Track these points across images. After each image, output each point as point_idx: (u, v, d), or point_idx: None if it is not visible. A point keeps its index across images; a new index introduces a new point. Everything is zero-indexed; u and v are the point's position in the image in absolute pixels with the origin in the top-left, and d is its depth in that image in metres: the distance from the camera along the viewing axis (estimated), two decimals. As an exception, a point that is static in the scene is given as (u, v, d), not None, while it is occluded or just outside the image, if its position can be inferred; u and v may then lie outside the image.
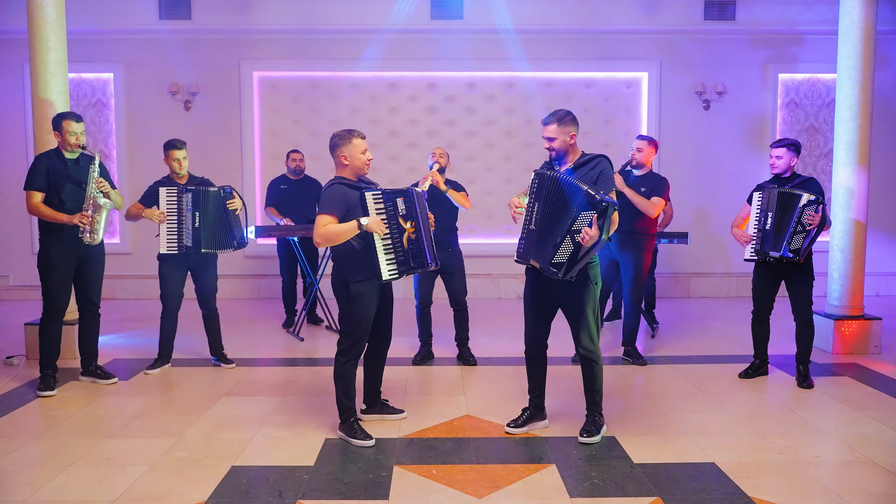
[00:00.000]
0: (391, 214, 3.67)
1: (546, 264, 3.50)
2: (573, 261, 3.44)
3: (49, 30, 5.38)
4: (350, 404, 3.76)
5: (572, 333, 3.73)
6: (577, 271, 3.47)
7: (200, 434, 3.85)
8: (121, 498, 3.05)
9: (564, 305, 3.71)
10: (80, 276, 4.70)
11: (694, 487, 3.15)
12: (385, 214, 3.66)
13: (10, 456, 3.57)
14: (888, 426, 3.96)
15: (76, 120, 4.58)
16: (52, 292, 4.60)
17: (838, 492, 3.10)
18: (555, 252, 3.46)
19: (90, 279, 4.75)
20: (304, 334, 6.35)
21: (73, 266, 4.64)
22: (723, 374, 5.03)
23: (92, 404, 4.41)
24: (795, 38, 8.50)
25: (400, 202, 3.70)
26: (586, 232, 3.32)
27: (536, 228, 3.59)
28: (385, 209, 3.66)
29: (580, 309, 3.64)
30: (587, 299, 3.63)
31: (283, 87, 8.58)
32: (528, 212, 3.64)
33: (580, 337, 3.69)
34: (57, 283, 4.60)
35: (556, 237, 3.47)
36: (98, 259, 4.75)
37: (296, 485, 3.18)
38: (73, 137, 4.56)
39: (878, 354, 5.58)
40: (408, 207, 3.71)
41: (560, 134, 3.66)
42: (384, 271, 3.63)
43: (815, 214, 4.47)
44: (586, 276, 3.59)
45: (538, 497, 3.07)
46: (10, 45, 8.36)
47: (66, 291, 4.67)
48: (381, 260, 3.63)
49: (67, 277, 4.63)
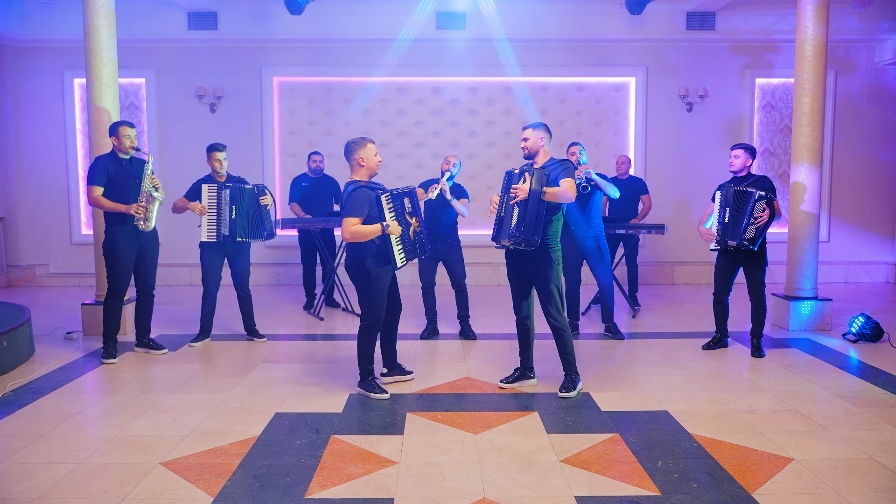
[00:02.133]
0: (399, 212, 4.46)
1: (507, 236, 4.37)
2: (521, 222, 4.28)
3: (103, 47, 6.15)
4: (370, 367, 4.56)
5: (541, 306, 4.54)
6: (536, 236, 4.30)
7: (246, 390, 4.66)
8: (192, 433, 3.86)
9: (534, 282, 4.52)
10: (139, 262, 5.48)
11: (647, 427, 3.95)
12: (394, 212, 4.44)
13: (93, 406, 4.38)
14: (818, 386, 4.75)
15: (130, 126, 5.37)
16: (116, 275, 5.38)
17: (761, 430, 3.89)
18: (510, 224, 4.34)
19: (148, 264, 5.54)
20: (322, 315, 7.15)
21: (135, 253, 5.42)
22: (688, 347, 5.81)
23: (150, 369, 5.22)
24: (771, 46, 9.24)
25: (406, 201, 4.52)
26: (515, 188, 4.28)
27: (504, 214, 4.44)
28: (394, 207, 4.45)
29: (546, 285, 4.45)
30: (551, 276, 4.44)
31: (300, 91, 9.36)
32: (499, 206, 4.50)
33: (548, 309, 4.50)
34: (120, 268, 5.37)
35: (507, 213, 4.37)
36: (154, 247, 5.55)
37: (329, 425, 3.98)
38: (127, 141, 5.34)
39: (829, 331, 6.35)
40: (413, 205, 4.54)
41: (533, 136, 4.49)
42: (397, 260, 4.43)
43: (765, 208, 5.24)
44: (549, 257, 4.41)
45: (522, 433, 3.86)
46: (51, 53, 9.15)
47: (127, 275, 5.45)
48: (395, 251, 4.42)
49: (129, 263, 5.41)
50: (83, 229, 9.37)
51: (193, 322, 6.27)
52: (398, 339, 4.90)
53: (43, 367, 5.23)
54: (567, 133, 8.93)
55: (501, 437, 3.82)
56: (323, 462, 3.47)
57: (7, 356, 5.08)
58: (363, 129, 8.86)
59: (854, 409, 4.26)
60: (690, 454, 3.57)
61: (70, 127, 9.32)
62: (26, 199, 9.40)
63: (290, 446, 3.68)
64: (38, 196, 9.40)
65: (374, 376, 4.60)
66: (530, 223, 4.25)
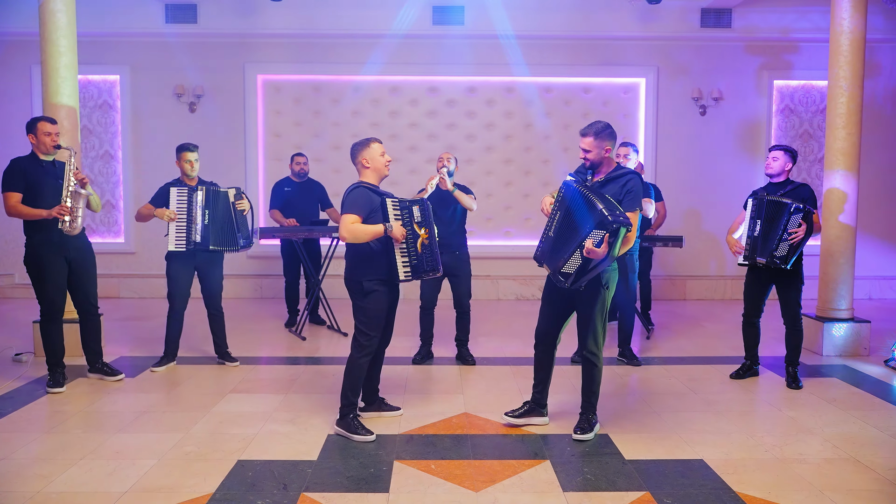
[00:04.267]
0: (407, 221, 3.84)
1: (555, 272, 3.65)
2: (581, 273, 3.57)
3: (60, 35, 5.50)
4: (354, 400, 3.89)
5: (579, 335, 3.87)
6: (587, 281, 3.61)
7: (207, 429, 3.98)
8: (132, 489, 3.18)
9: (576, 306, 3.85)
10: (72, 279, 4.77)
11: (682, 482, 3.28)
12: (401, 219, 3.82)
13: (23, 449, 3.70)
14: (871, 425, 4.10)
15: (51, 122, 4.69)
16: (46, 294, 4.67)
17: (820, 487, 3.23)
18: (564, 263, 3.60)
19: (84, 281, 4.82)
20: (305, 334, 6.47)
21: (65, 267, 4.69)
22: (714, 375, 5.16)
23: (100, 400, 4.54)
24: (790, 46, 8.64)
25: (416, 210, 3.88)
26: (592, 249, 3.44)
27: (554, 236, 3.72)
28: (402, 215, 3.83)
29: (590, 312, 3.77)
30: (597, 303, 3.76)
31: (286, 90, 8.71)
32: (550, 218, 3.76)
33: (586, 339, 3.82)
34: (50, 285, 4.65)
35: (568, 248, 3.59)
36: (88, 260, 4.83)
37: (300, 478, 3.31)
38: (48, 139, 4.63)
39: (867, 356, 5.71)
40: (423, 215, 3.88)
41: (595, 147, 3.78)
42: (400, 272, 3.81)
43: (801, 223, 4.61)
44: (599, 280, 3.71)
45: (533, 491, 3.20)
46: (17, 47, 8.50)
47: (61, 292, 4.72)
48: (398, 262, 3.80)
49: (59, 278, 4.68)
50: (50, 237, 8.67)
51: (162, 341, 5.52)
52: (385, 364, 4.25)
53: (-22, 396, 4.55)
54: (572, 137, 8.30)
55: (508, 496, 3.15)
56: (288, 532, 2.80)
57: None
58: (353, 131, 8.22)
59: (922, 457, 3.61)
60: (740, 522, 2.91)
61: (37, 127, 8.63)
62: (-11, 204, 8.71)
63: (249, 508, 3.01)
64: (2, 201, 8.71)
65: (358, 413, 3.94)
66: (588, 273, 3.61)
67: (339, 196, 7.52)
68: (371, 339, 3.89)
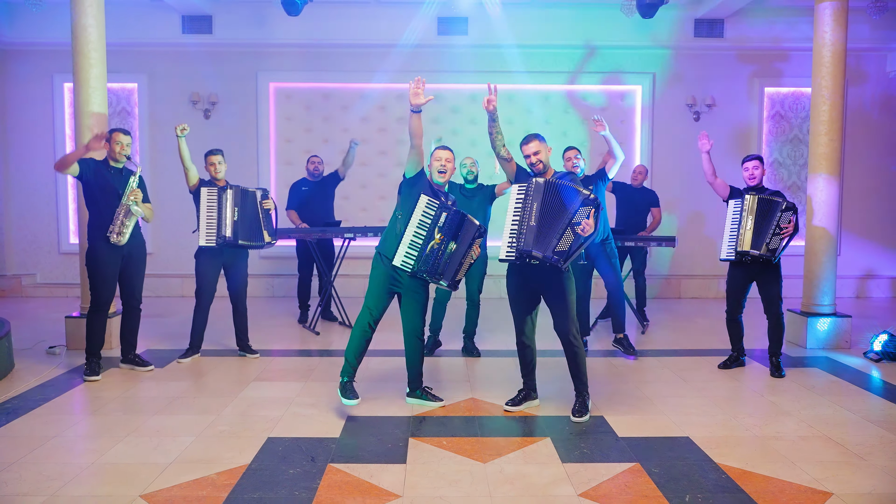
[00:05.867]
0: (434, 221, 4.22)
1: (549, 253, 4.00)
2: (574, 248, 4.00)
3: (91, 48, 5.87)
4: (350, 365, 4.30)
5: (555, 322, 4.21)
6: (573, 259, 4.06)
7: (236, 412, 4.35)
8: (176, 461, 3.55)
9: (547, 296, 4.22)
10: (124, 273, 5.17)
11: (669, 455, 3.65)
12: (430, 219, 4.21)
13: (71, 429, 4.07)
14: (846, 409, 4.46)
15: (125, 133, 5.09)
16: (98, 287, 5.08)
17: (793, 459, 3.60)
18: (557, 242, 3.98)
19: (132, 277, 5.23)
20: (318, 329, 6.84)
21: (118, 264, 5.11)
22: (703, 366, 5.52)
23: (134, 387, 4.91)
24: (780, 55, 9.02)
25: (443, 216, 4.23)
26: (586, 223, 3.92)
27: (536, 224, 4.06)
28: (434, 214, 4.22)
29: (563, 298, 4.14)
30: (568, 288, 4.14)
31: (297, 97, 9.09)
32: (522, 212, 4.09)
33: (565, 324, 4.17)
34: (102, 280, 5.07)
35: (556, 230, 3.99)
36: (140, 258, 5.24)
37: (325, 451, 3.68)
38: (118, 147, 5.05)
39: (848, 349, 6.07)
40: (447, 223, 4.23)
41: (543, 149, 4.21)
42: (399, 254, 4.19)
43: (791, 219, 4.99)
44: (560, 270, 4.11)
45: (535, 462, 3.57)
46: (40, 56, 8.88)
47: (111, 287, 5.13)
48: (401, 245, 4.19)
49: (112, 274, 5.10)
50: (71, 238, 9.07)
51: (182, 336, 5.94)
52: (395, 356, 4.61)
53: (21, 384, 4.91)
54: (571, 143, 8.66)
55: (513, 466, 3.52)
56: (319, 496, 3.16)
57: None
58: (362, 137, 8.59)
59: (889, 435, 3.97)
60: (720, 487, 3.27)
61: (59, 132, 9.04)
62: (13, 206, 9.10)
63: (283, 476, 3.37)
64: (26, 204, 9.10)
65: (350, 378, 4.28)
66: (577, 250, 4.03)
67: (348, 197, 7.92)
68: (363, 309, 4.31)
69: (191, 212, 5.71)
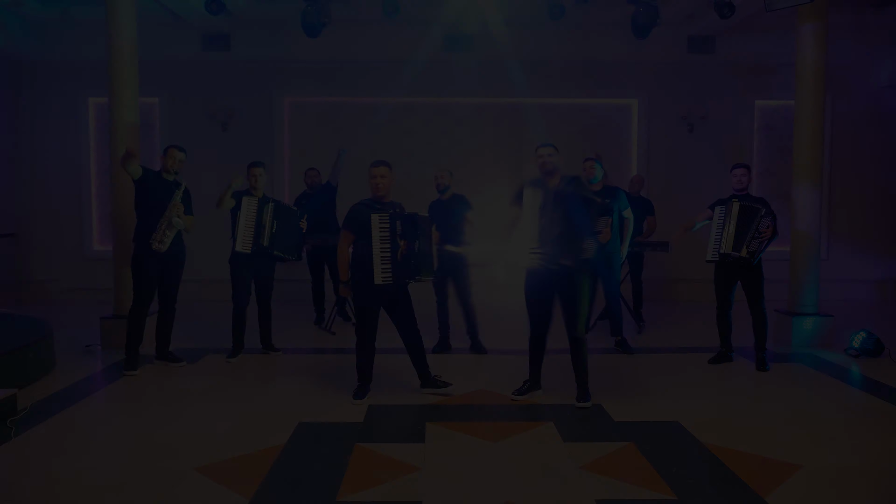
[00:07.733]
0: (392, 231, 4.61)
1: (575, 260, 4.45)
2: (594, 254, 4.51)
3: (125, 66, 6.34)
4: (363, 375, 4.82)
5: (566, 320, 4.65)
6: None
7: (267, 401, 4.79)
8: (219, 440, 3.99)
9: (563, 296, 4.64)
10: (164, 275, 5.61)
11: (659, 436, 4.09)
12: (389, 233, 4.60)
13: (119, 416, 4.51)
14: (824, 398, 4.90)
15: (180, 150, 5.57)
16: (141, 286, 5.54)
17: (770, 439, 4.03)
18: (582, 250, 4.45)
19: (171, 279, 5.67)
20: (334, 329, 7.28)
21: (158, 268, 5.55)
22: (695, 361, 5.96)
23: (170, 380, 5.35)
24: (770, 69, 9.48)
25: (398, 223, 4.64)
26: (606, 231, 4.59)
27: (560, 232, 4.46)
28: (389, 228, 4.61)
29: (577, 298, 4.57)
30: (584, 289, 4.58)
31: (310, 111, 9.56)
32: (545, 222, 4.49)
33: (575, 324, 4.62)
34: (146, 279, 5.52)
35: (580, 238, 4.45)
36: (179, 262, 5.68)
37: (352, 433, 4.12)
38: (171, 161, 5.53)
39: (831, 346, 6.49)
40: (404, 228, 4.64)
41: (555, 153, 4.68)
42: (376, 274, 4.58)
43: (769, 225, 5.44)
44: (585, 267, 4.54)
45: (540, 441, 4.00)
46: (68, 71, 9.33)
47: (151, 287, 5.58)
48: (376, 265, 4.57)
49: (154, 276, 5.55)
50: (95, 244, 9.51)
51: (201, 337, 6.38)
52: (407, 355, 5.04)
53: (67, 378, 5.34)
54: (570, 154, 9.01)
55: (520, 444, 3.95)
56: (350, 468, 3.60)
57: (31, 368, 5.19)
58: (371, 148, 9.01)
59: (859, 420, 4.40)
60: (704, 461, 3.71)
61: (84, 145, 9.49)
62: (39, 214, 9.54)
63: (316, 453, 3.81)
64: (51, 212, 9.54)
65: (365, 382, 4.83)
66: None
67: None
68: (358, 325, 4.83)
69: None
